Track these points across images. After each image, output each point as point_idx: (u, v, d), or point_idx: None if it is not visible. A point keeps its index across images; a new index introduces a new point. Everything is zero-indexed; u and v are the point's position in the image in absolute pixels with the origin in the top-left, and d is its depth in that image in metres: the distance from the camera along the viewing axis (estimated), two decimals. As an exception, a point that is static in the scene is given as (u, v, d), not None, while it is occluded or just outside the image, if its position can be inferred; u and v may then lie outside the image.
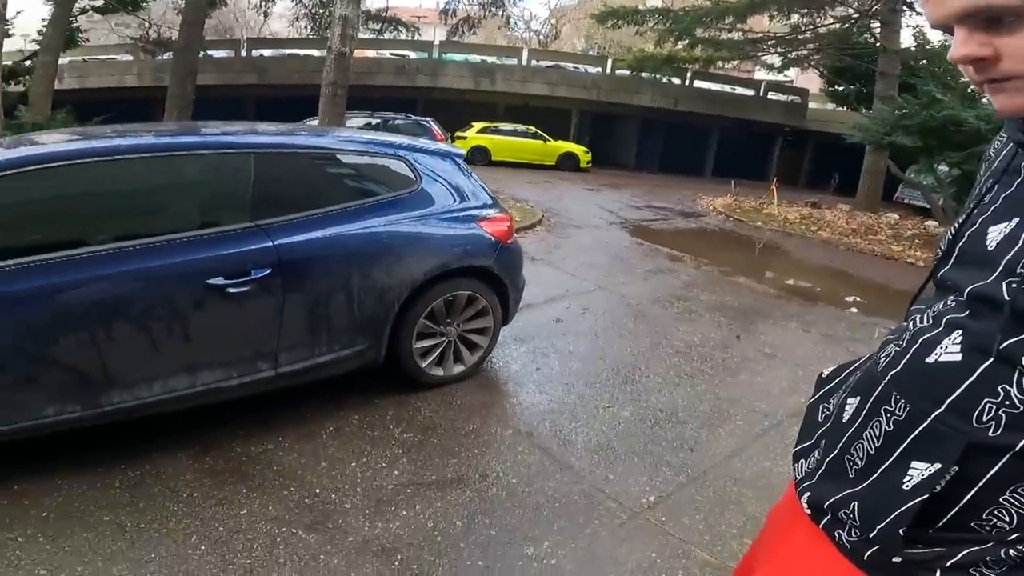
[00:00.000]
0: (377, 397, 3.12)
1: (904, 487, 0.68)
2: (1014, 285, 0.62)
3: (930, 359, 0.69)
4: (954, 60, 0.64)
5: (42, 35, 11.19)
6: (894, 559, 0.70)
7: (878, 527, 0.70)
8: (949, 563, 0.66)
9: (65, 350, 2.16)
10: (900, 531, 0.68)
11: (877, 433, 0.73)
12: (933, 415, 0.67)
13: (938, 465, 0.66)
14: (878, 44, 14.01)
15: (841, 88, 17.00)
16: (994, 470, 0.63)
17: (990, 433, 0.62)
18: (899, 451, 0.70)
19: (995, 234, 0.68)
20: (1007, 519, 0.64)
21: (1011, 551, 0.63)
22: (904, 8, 13.75)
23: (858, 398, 0.79)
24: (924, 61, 13.17)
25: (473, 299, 3.26)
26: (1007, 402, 0.62)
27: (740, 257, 7.98)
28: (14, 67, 11.50)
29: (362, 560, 2.05)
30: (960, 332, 0.67)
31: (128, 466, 2.41)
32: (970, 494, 0.65)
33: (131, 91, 18.82)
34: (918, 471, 0.68)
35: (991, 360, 0.63)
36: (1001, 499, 0.63)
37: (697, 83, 21.78)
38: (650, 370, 3.82)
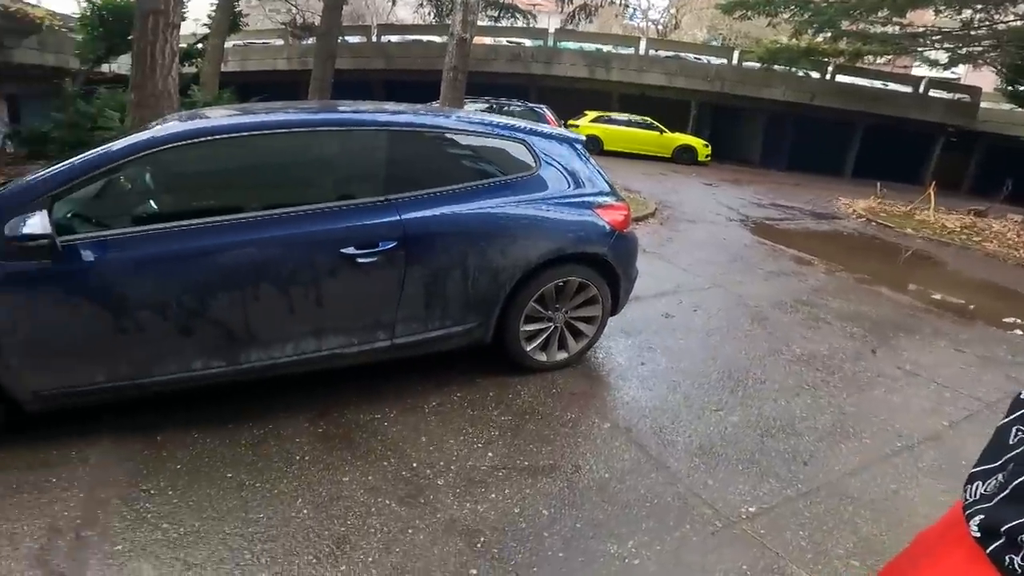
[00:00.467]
0: (479, 377, 3.17)
1: None
2: None
3: None
4: None
5: (211, 19, 12.40)
6: None
7: None
8: None
9: (218, 307, 2.38)
10: None
11: None
12: None
13: None
14: None
15: (1023, 88, 14.78)
16: None
17: None
18: None
19: None
20: None
21: None
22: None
23: None
24: None
25: (584, 286, 3.20)
26: None
27: (882, 265, 7.21)
28: (188, 50, 12.94)
29: (446, 538, 2.08)
30: None
31: (255, 424, 2.62)
32: None
33: (280, 74, 20.61)
34: None
35: None
36: None
37: (840, 77, 19.95)
38: (766, 376, 3.56)
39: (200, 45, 13.21)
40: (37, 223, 2.02)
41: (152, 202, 2.55)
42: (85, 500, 2.13)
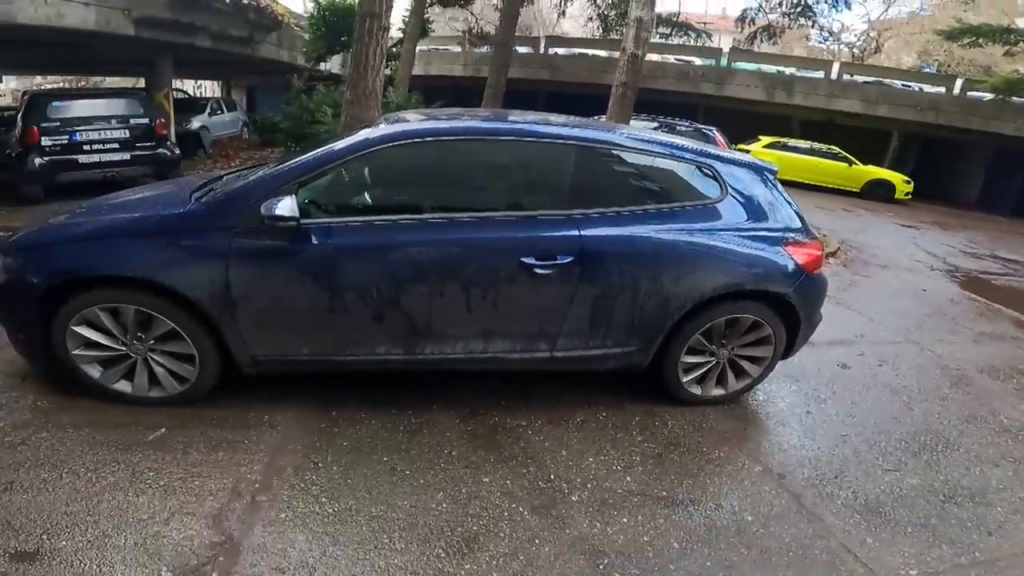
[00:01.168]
0: (628, 401, 3.12)
1: None
2: None
3: None
4: None
5: (405, 24, 13.26)
6: None
7: None
8: None
9: (409, 299, 2.60)
10: None
11: None
12: None
13: None
14: None
15: None
16: None
17: None
18: None
19: None
20: None
21: None
22: None
23: None
24: None
25: (758, 325, 2.99)
26: None
27: None
28: (388, 52, 14.14)
29: (570, 555, 2.08)
30: None
31: (414, 413, 2.83)
32: None
33: (456, 79, 21.82)
34: None
35: None
36: None
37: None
38: (960, 444, 3.11)
39: (395, 49, 14.35)
40: (288, 205, 2.36)
41: (366, 196, 2.86)
42: (266, 465, 2.36)
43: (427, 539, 2.09)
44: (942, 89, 18.00)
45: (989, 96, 16.18)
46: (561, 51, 22.05)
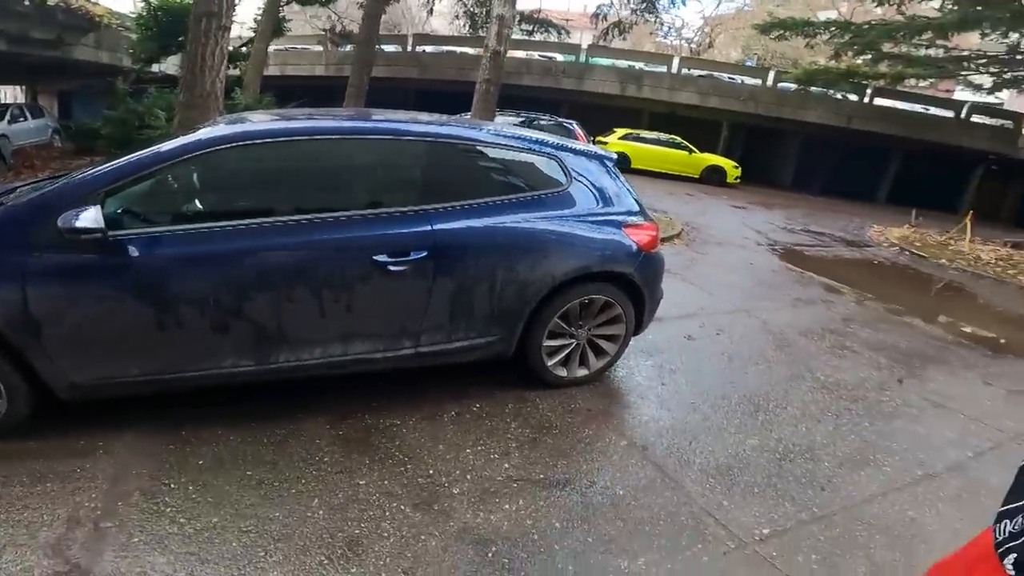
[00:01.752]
0: (499, 390, 3.20)
1: None
2: None
3: None
4: None
5: (257, 23, 12.68)
6: None
7: None
8: None
9: (253, 307, 2.44)
10: None
11: None
12: None
13: None
14: None
15: None
16: None
17: None
18: None
19: None
20: None
21: None
22: None
23: None
24: None
25: (609, 305, 3.21)
26: None
27: (914, 296, 7.08)
28: (233, 53, 13.29)
29: (458, 546, 2.11)
30: None
31: (277, 424, 2.68)
32: None
33: (317, 79, 21.01)
34: None
35: None
36: None
37: (878, 100, 19.59)
38: (787, 402, 3.53)
39: (245, 48, 13.52)
40: (91, 217, 2.11)
41: (197, 202, 2.63)
42: (107, 492, 2.17)
43: (306, 548, 2.01)
44: (759, 81, 20.49)
45: (794, 87, 18.65)
46: (430, 49, 21.97)
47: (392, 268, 2.58)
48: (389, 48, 21.59)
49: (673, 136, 17.70)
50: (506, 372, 3.26)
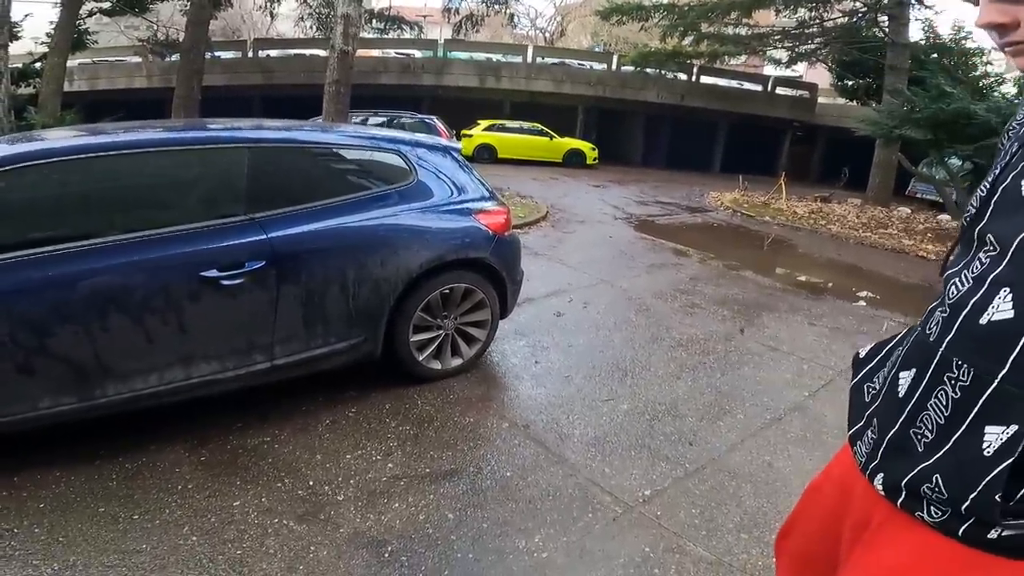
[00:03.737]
0: (375, 391, 3.12)
1: (985, 453, 0.67)
2: None
3: (983, 320, 0.69)
4: (979, 25, 0.72)
5: (50, 38, 11.31)
6: (990, 535, 0.68)
7: (970, 497, 0.69)
8: None
9: (61, 341, 2.18)
10: (995, 497, 0.66)
11: (944, 402, 0.73)
12: (999, 376, 0.66)
13: (1015, 427, 0.65)
14: (887, 38, 13.90)
15: (850, 83, 16.94)
16: None
17: None
18: (971, 417, 0.69)
19: None
20: None
21: None
22: (912, 1, 13.58)
23: (912, 370, 0.79)
24: (934, 55, 13.04)
25: (470, 292, 3.25)
26: None
27: (747, 252, 7.92)
28: (24, 69, 11.66)
29: (352, 551, 2.05)
30: (1008, 289, 0.67)
31: (125, 458, 2.42)
32: None
33: (141, 92, 19.03)
34: (995, 435, 0.67)
35: None
36: None
37: (704, 79, 21.69)
38: (650, 364, 3.79)
39: (39, 64, 11.96)
40: None
41: None
42: None
43: (185, 575, 1.85)
44: (605, 65, 21.79)
45: (633, 69, 20.06)
46: (274, 53, 20.79)
47: (226, 282, 2.41)
48: (227, 55, 20.12)
49: (535, 124, 18.25)
50: (381, 373, 3.19)
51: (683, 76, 21.34)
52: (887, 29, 14.01)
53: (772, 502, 2.48)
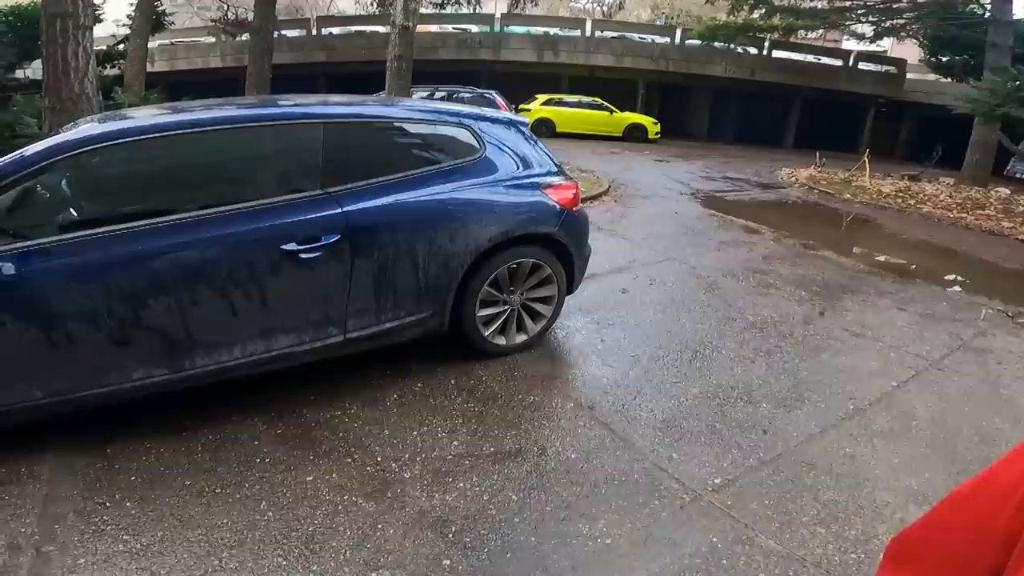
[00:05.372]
0: (440, 366, 3.13)
1: None
2: None
3: None
4: None
5: (131, 20, 11.86)
6: None
7: None
8: None
9: (152, 314, 2.26)
10: None
11: None
12: None
13: None
14: (987, 15, 13.01)
15: (946, 59, 15.99)
16: None
17: None
18: None
19: None
20: None
21: None
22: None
23: None
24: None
25: (537, 267, 3.19)
26: None
27: (825, 230, 7.47)
28: (109, 51, 12.28)
29: (417, 531, 2.06)
30: None
31: (210, 430, 2.52)
32: None
33: (215, 72, 19.79)
34: None
35: None
36: None
37: (776, 53, 20.62)
38: (722, 345, 3.63)
39: (121, 46, 12.59)
40: None
41: (77, 208, 2.39)
42: (39, 516, 2.04)
43: (261, 551, 1.91)
44: (668, 39, 20.97)
45: (700, 43, 19.28)
46: (336, 30, 21.05)
47: (304, 256, 2.45)
48: (292, 33, 20.58)
49: (594, 98, 17.84)
50: (447, 348, 3.19)
51: (753, 50, 20.33)
52: (987, 5, 13.17)
53: (852, 496, 2.34)
